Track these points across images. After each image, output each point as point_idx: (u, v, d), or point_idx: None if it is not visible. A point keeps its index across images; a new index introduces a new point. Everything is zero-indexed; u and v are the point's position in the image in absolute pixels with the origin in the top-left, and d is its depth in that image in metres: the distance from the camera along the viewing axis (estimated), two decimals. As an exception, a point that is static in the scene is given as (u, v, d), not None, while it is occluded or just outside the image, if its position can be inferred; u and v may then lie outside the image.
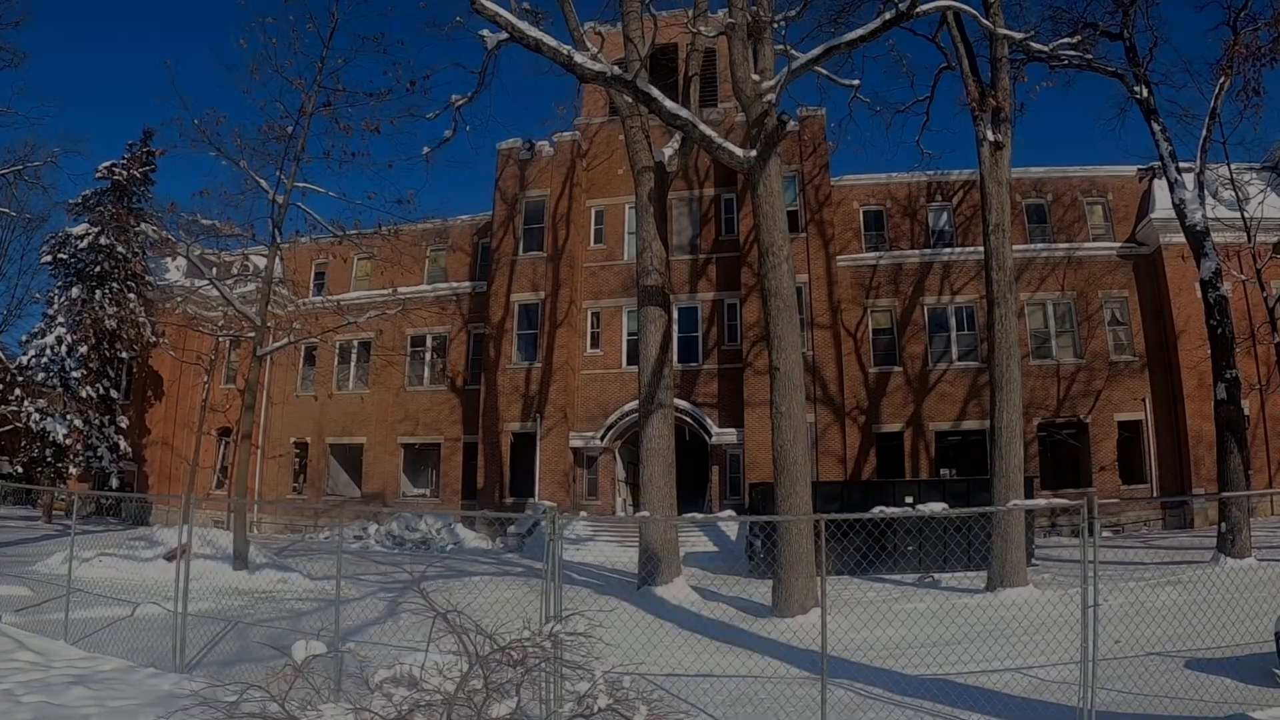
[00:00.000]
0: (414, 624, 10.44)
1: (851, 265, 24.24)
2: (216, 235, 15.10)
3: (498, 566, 17.89)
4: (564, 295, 24.00)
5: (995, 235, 14.26)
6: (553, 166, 24.92)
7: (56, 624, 9.03)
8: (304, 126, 15.59)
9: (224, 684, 4.36)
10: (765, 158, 12.00)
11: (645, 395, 13.90)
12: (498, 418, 23.87)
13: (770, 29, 12.98)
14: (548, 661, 4.03)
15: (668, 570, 13.14)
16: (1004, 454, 13.37)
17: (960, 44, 15.12)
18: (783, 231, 12.04)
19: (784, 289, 11.81)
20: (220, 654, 8.64)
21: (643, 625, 9.87)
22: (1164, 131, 17.40)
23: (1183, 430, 22.24)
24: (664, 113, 11.53)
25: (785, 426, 11.45)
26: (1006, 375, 13.65)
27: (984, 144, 14.56)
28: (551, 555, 6.05)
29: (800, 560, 11.20)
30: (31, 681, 6.53)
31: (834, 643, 9.40)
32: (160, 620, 9.85)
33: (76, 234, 24.81)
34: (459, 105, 12.62)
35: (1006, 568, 12.94)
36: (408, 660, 4.15)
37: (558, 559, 6.08)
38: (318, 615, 11.13)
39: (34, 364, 24.03)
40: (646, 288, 14.23)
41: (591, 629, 4.50)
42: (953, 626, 10.28)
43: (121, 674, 7.18)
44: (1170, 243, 22.99)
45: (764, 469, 21.89)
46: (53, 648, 8.15)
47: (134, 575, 14.72)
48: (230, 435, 28.01)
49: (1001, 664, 8.76)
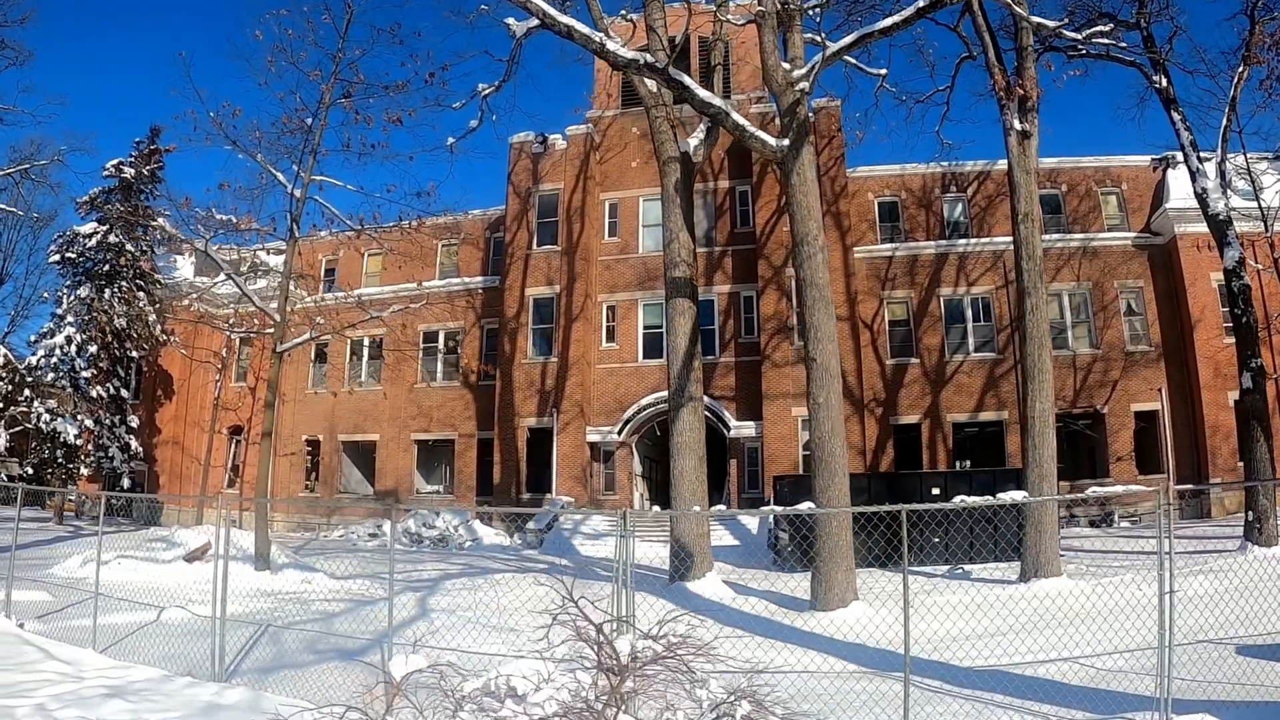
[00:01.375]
0: (449, 625, 10.31)
1: (867, 257, 24.14)
2: (236, 230, 14.90)
3: (520, 563, 17.76)
4: (579, 289, 23.86)
5: (1025, 224, 14.16)
6: (566, 160, 24.76)
7: (81, 631, 8.76)
8: (321, 119, 15.42)
9: (320, 706, 4.07)
10: (798, 147, 11.88)
11: (675, 388, 13.79)
12: (513, 413, 23.73)
13: (799, 17, 12.85)
14: (667, 669, 3.81)
15: (700, 565, 13.05)
16: (1037, 443, 13.29)
17: (986, 33, 15.01)
18: (817, 221, 11.93)
19: (819, 278, 11.70)
20: (257, 660, 8.35)
21: (683, 622, 9.74)
22: (1184, 121, 17.30)
23: (1199, 420, 22.22)
24: (696, 101, 11.42)
25: (823, 418, 11.35)
26: (1038, 365, 13.56)
27: (1011, 133, 14.45)
28: (624, 554, 5.87)
29: (839, 553, 11.11)
30: (64, 694, 6.29)
31: (878, 636, 9.34)
32: (187, 625, 9.65)
33: (85, 233, 24.57)
34: (485, 95, 12.49)
35: (1041, 558, 12.88)
36: (504, 670, 3.90)
37: (630, 557, 5.90)
38: (350, 617, 10.96)
39: (43, 364, 23.81)
40: (674, 279, 14.11)
41: (690, 630, 4.35)
42: (995, 618, 10.20)
43: (156, 684, 6.94)
44: (1185, 232, 22.96)
45: (783, 462, 21.82)
46: (81, 656, 7.91)
47: (155, 578, 14.47)
48: (241, 434, 27.84)
49: (1054, 654, 8.70)
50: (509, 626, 10.16)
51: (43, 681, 6.64)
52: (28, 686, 6.44)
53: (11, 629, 8.91)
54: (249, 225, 15.03)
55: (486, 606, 11.69)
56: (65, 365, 23.89)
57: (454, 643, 8.84)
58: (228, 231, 14.92)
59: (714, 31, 15.91)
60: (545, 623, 4.14)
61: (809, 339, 11.67)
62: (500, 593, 13.12)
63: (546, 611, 3.98)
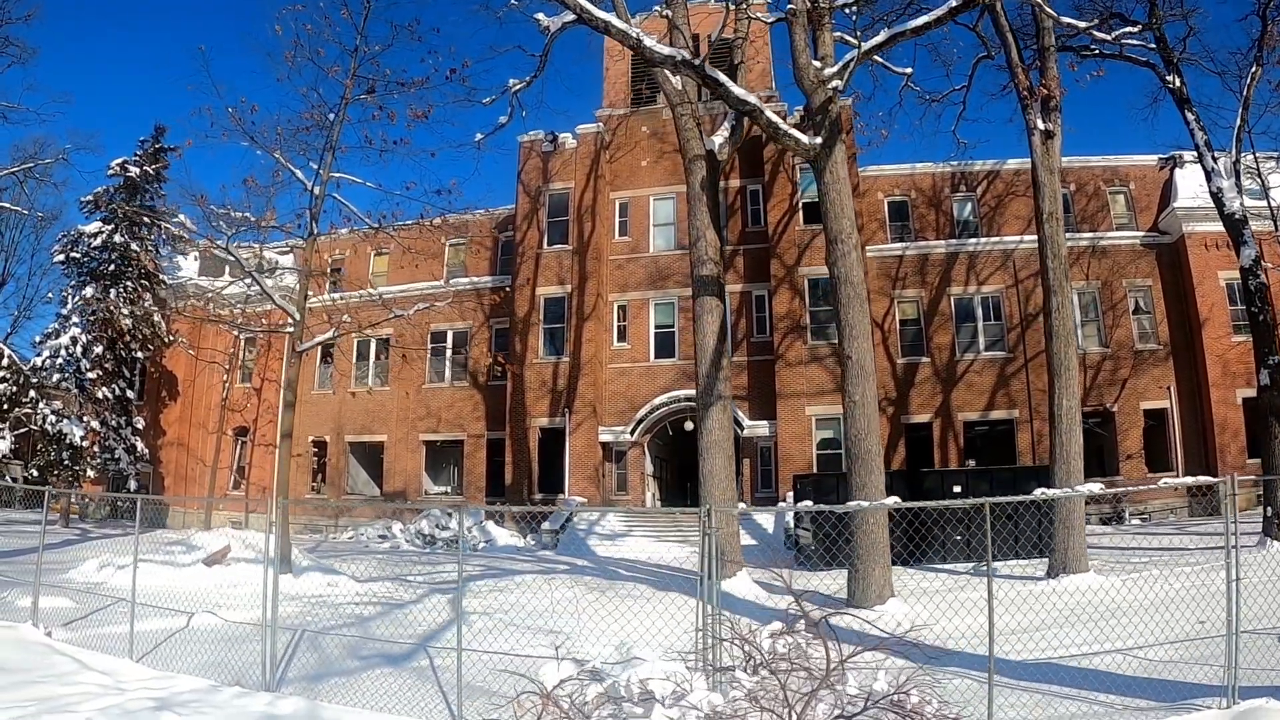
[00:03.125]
0: (488, 628, 10.18)
1: (878, 256, 24.20)
2: (258, 228, 14.74)
3: (540, 565, 17.65)
4: (590, 288, 23.79)
5: (1049, 223, 14.25)
6: (576, 158, 24.69)
7: (111, 639, 8.48)
8: (340, 115, 15.28)
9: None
10: (831, 145, 11.89)
11: (703, 387, 13.76)
12: (525, 413, 23.62)
13: (830, 16, 12.86)
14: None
15: (731, 564, 13.01)
16: (1064, 440, 13.35)
17: (1008, 33, 15.07)
18: (850, 219, 11.94)
19: (854, 276, 11.71)
20: (302, 668, 8.01)
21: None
22: (1198, 120, 17.40)
23: (1207, 418, 22.41)
24: (731, 98, 11.41)
25: (859, 415, 11.35)
26: (1064, 362, 13.63)
27: (1035, 133, 14.51)
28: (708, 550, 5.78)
29: (877, 550, 11.12)
30: (110, 708, 6.00)
31: (925, 632, 9.32)
32: (219, 631, 9.53)
33: (89, 232, 24.29)
34: (516, 90, 12.41)
35: (1069, 554, 12.94)
36: (639, 673, 3.76)
37: (716, 557, 5.82)
38: (384, 620, 10.78)
39: (49, 365, 23.49)
40: (701, 277, 14.09)
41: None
42: (1031, 613, 10.23)
43: (204, 695, 6.66)
44: (1193, 231, 23.16)
45: (797, 461, 21.84)
46: (118, 666, 7.60)
47: (174, 582, 14.17)
48: (247, 435, 27.59)
49: (1098, 647, 8.73)
50: (550, 628, 10.07)
51: (83, 695, 6.38)
52: (69, 700, 6.20)
53: (40, 638, 8.63)
54: (270, 223, 14.87)
55: (521, 608, 11.58)
56: (70, 366, 23.58)
57: (496, 646, 8.73)
58: (248, 229, 14.74)
59: (734, 30, 15.90)
60: (591, 624, 4.02)
61: (844, 336, 11.68)
62: (531, 594, 13.01)
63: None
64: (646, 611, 10.43)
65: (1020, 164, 24.88)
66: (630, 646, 8.73)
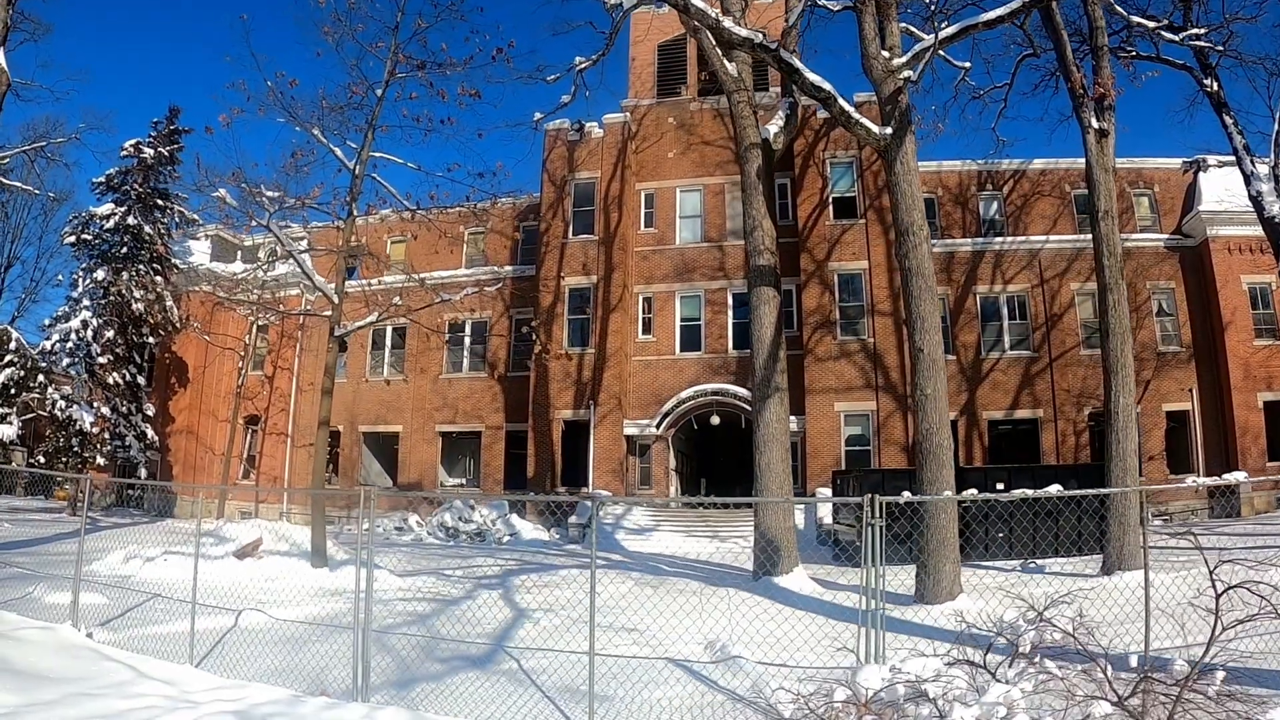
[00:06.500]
0: (555, 626, 9.85)
1: (904, 254, 24.11)
2: (301, 206, 14.35)
3: (573, 559, 17.40)
4: (616, 279, 23.51)
5: (1104, 221, 14.18)
6: (603, 148, 24.38)
7: (160, 640, 7.84)
8: (384, 92, 14.92)
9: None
10: (901, 136, 11.72)
11: (760, 379, 13.58)
12: (549, 405, 23.31)
13: (896, 7, 12.69)
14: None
15: (787, 560, 12.84)
16: (1120, 437, 13.28)
17: (1062, 31, 15.00)
18: (921, 211, 11.78)
19: (925, 268, 11.56)
20: (382, 672, 7.24)
21: (805, 622, 9.28)
22: (1236, 124, 17.44)
23: (1229, 421, 22.56)
24: (806, 84, 11.25)
25: (931, 409, 11.20)
26: (1121, 360, 13.57)
27: (1090, 132, 14.45)
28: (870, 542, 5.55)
29: (947, 545, 10.97)
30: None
31: (1001, 628, 9.19)
32: (270, 631, 9.01)
33: (101, 213, 23.66)
34: (581, 69, 12.14)
35: (1124, 551, 12.85)
36: (905, 669, 3.50)
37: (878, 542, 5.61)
38: (444, 618, 10.28)
39: (58, 349, 22.86)
40: (758, 267, 13.89)
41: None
42: (1103, 608, 10.14)
43: (287, 706, 6.00)
44: (1217, 235, 23.30)
45: (825, 456, 21.74)
46: (179, 674, 6.88)
47: (205, 576, 13.71)
48: (258, 424, 27.04)
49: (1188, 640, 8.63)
50: (624, 626, 9.76)
51: (151, 709, 5.67)
52: (137, 717, 5.53)
53: (82, 640, 7.84)
54: (312, 201, 14.49)
55: (579, 605, 11.27)
56: (81, 350, 22.96)
57: (570, 645, 8.33)
58: (290, 208, 14.35)
59: (786, 20, 15.69)
60: (661, 621, 3.78)
61: (915, 330, 11.53)
62: (583, 590, 12.70)
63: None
64: (721, 609, 10.20)
65: (1046, 163, 24.93)
66: (725, 645, 8.51)
